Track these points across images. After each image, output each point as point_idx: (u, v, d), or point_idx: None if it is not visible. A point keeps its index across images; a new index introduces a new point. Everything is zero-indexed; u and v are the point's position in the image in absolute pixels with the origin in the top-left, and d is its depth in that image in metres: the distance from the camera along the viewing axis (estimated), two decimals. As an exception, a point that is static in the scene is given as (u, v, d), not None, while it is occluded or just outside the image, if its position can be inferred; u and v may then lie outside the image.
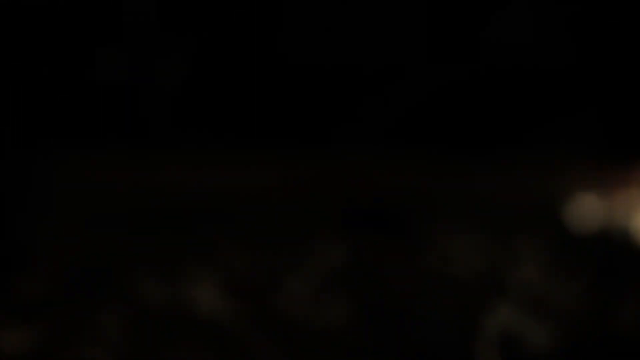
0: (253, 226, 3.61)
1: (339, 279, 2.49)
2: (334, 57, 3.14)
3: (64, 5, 3.17)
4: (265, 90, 3.59)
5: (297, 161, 4.26)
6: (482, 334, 1.55)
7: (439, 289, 2.29)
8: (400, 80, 3.50)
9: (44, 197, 3.02)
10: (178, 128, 4.06)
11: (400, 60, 3.14)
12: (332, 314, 2.00)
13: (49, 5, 2.98)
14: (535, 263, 2.96)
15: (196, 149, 4.21)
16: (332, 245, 2.97)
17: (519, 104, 3.50)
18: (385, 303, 2.14)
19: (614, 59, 2.87)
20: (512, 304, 2.00)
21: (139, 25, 3.27)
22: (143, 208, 3.71)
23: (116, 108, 4.12)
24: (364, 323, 1.94)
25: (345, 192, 4.04)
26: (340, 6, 2.82)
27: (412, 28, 2.69)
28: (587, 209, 4.07)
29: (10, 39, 3.00)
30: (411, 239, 3.77)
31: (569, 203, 4.03)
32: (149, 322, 1.90)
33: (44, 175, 3.11)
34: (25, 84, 3.19)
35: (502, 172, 4.11)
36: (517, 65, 3.06)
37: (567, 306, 2.19)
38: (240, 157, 4.28)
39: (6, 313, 1.87)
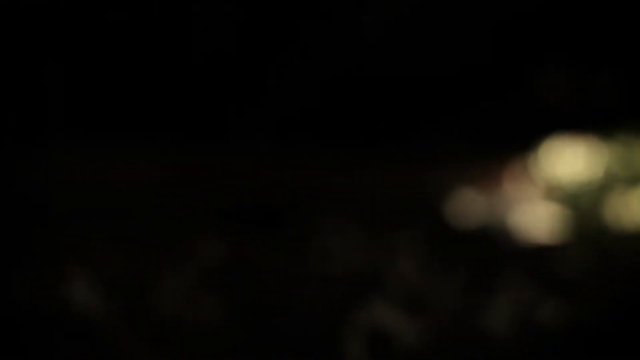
0: (131, 223, 3.55)
1: (217, 276, 2.47)
2: (220, 53, 3.11)
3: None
4: (148, 84, 3.52)
5: (179, 157, 4.21)
6: (353, 330, 1.55)
7: (317, 285, 2.30)
8: (285, 77, 3.49)
9: None
10: (53, 123, 3.94)
11: (286, 55, 3.14)
12: (207, 312, 1.98)
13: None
14: (413, 259, 3.01)
15: (74, 144, 4.11)
16: (211, 242, 2.95)
17: (398, 102, 3.55)
18: (262, 300, 2.13)
19: (493, 59, 2.94)
20: (387, 300, 2.03)
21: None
22: (18, 205, 3.60)
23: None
24: (238, 320, 1.93)
25: (226, 188, 4.01)
26: (226, 4, 2.80)
27: (290, 23, 2.70)
28: (466, 204, 4.17)
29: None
30: (291, 235, 3.79)
31: (448, 199, 4.12)
32: (21, 322, 1.85)
33: None
34: None
35: (382, 168, 4.17)
36: (396, 64, 3.11)
37: (443, 303, 2.23)
38: (120, 152, 4.20)
39: None
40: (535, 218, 4.17)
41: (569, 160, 4.52)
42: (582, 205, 4.11)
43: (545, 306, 2.05)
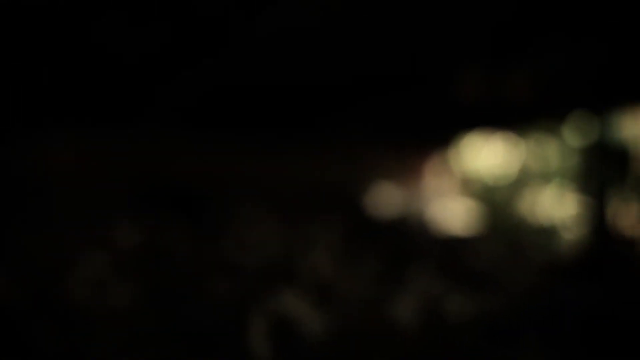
0: (45, 209, 3.48)
1: (129, 262, 2.44)
2: (130, 40, 3.07)
3: None
4: (60, 69, 3.44)
5: (94, 143, 4.14)
6: (259, 319, 1.54)
7: (228, 273, 2.28)
8: (199, 66, 3.46)
9: None
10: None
11: (200, 46, 3.11)
12: (118, 297, 1.95)
13: None
14: (326, 249, 3.02)
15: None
16: (125, 229, 2.91)
17: (319, 93, 3.56)
18: (172, 286, 2.11)
19: (412, 56, 2.97)
20: (297, 290, 2.03)
21: None
22: None
23: None
24: (148, 306, 1.90)
25: (141, 175, 3.97)
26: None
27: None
28: (383, 196, 4.21)
29: None
30: (205, 222, 3.77)
31: (365, 191, 4.16)
32: None
33: None
34: None
35: (300, 159, 4.17)
36: (317, 58, 3.12)
37: (353, 293, 2.23)
38: (34, 139, 4.11)
39: None
40: (451, 211, 4.24)
41: (485, 155, 4.60)
42: (497, 199, 4.19)
43: (454, 297, 2.08)
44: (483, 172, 4.44)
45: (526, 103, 2.87)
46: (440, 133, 4.28)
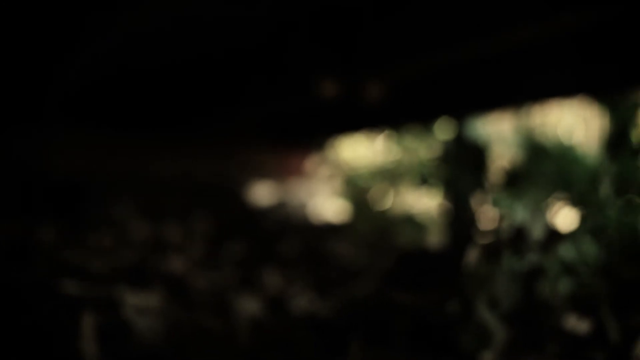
0: None
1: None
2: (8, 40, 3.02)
3: None
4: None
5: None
6: (90, 319, 1.54)
7: (80, 273, 2.26)
8: (78, 65, 3.43)
9: None
10: None
11: (78, 44, 3.09)
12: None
13: None
14: (191, 245, 3.04)
15: None
16: (5, 225, 2.87)
17: (198, 90, 3.57)
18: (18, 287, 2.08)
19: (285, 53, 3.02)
20: (146, 288, 2.03)
21: None
22: None
23: None
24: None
25: (24, 171, 3.90)
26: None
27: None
28: (260, 191, 4.25)
29: None
30: (88, 218, 3.73)
31: (243, 185, 4.18)
32: None
33: None
34: None
35: (182, 155, 4.16)
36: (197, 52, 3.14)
37: (205, 290, 2.25)
38: None
39: None
40: (326, 207, 4.33)
41: (360, 153, 4.72)
42: (366, 192, 4.29)
43: (303, 292, 2.12)
44: (357, 170, 4.54)
45: (384, 109, 2.95)
46: (309, 134, 4.35)
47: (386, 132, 4.09)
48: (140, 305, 1.84)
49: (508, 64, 2.76)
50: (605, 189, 1.69)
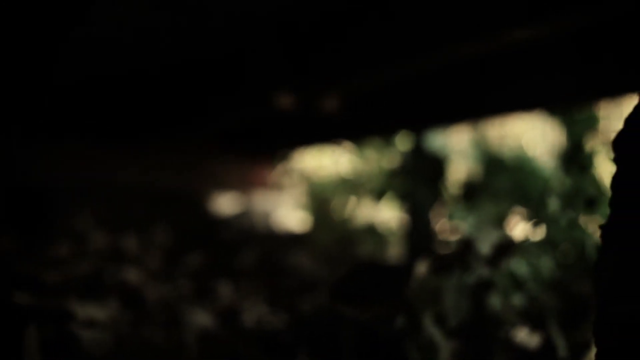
0: None
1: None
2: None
3: None
4: None
5: None
6: (35, 332, 1.52)
7: (30, 286, 2.24)
8: (42, 74, 3.41)
9: None
10: None
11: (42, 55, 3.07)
12: None
13: None
14: (148, 257, 3.02)
15: None
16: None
17: (160, 100, 3.56)
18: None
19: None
20: (96, 299, 2.02)
21: None
22: None
23: None
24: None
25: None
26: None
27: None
28: (227, 203, 4.24)
29: None
30: (49, 228, 3.70)
31: (205, 196, 4.17)
32: None
33: None
34: None
35: (146, 165, 4.14)
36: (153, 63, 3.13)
37: (159, 301, 2.24)
38: None
39: None
40: (287, 214, 4.33)
41: (321, 163, 4.73)
42: (328, 204, 4.30)
43: (257, 305, 2.11)
44: (320, 181, 4.56)
45: (342, 121, 2.97)
46: (271, 145, 4.36)
47: (346, 144, 4.10)
48: (89, 317, 1.82)
49: (465, 78, 2.78)
50: (554, 203, 1.69)
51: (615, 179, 1.02)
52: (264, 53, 2.57)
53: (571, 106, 2.49)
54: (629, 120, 1.00)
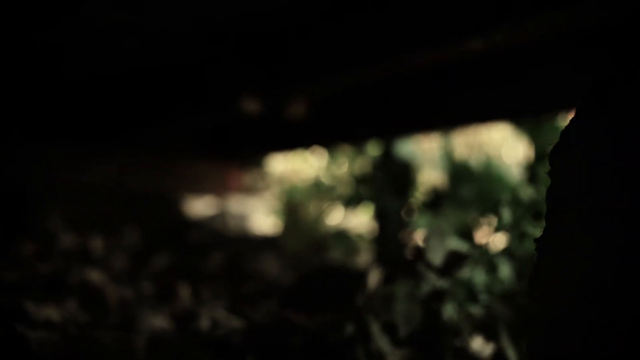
0: None
1: None
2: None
3: None
4: None
5: None
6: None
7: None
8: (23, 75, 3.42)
9: None
10: None
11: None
12: None
13: None
14: (126, 257, 3.02)
15: None
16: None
17: (132, 101, 3.57)
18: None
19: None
20: (56, 303, 2.01)
21: None
22: None
23: None
24: None
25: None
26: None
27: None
28: (199, 206, 4.25)
29: None
30: (20, 228, 3.70)
31: (178, 198, 4.17)
32: None
33: None
34: None
35: (118, 166, 4.14)
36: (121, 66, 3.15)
37: (121, 305, 2.23)
38: None
39: None
40: (260, 218, 4.34)
41: (294, 167, 4.75)
42: (300, 208, 4.31)
43: (217, 310, 2.10)
44: (292, 185, 4.57)
45: (310, 127, 2.97)
46: (242, 149, 4.37)
47: (317, 149, 4.11)
48: (44, 317, 1.82)
49: (428, 87, 2.80)
50: (507, 214, 1.70)
51: (550, 192, 1.02)
52: (232, 55, 2.58)
53: (538, 116, 2.49)
54: (564, 134, 1.00)
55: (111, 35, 2.71)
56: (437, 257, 1.63)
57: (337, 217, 4.17)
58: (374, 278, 1.67)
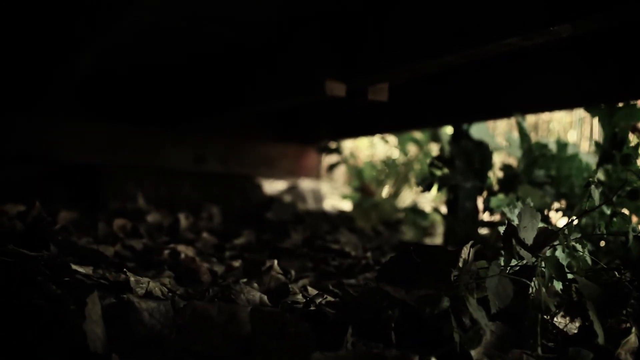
0: None
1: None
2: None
3: None
4: None
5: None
6: (93, 305, 1.57)
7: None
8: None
9: None
10: None
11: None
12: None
13: None
14: (209, 236, 3.10)
15: None
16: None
17: (206, 87, 3.64)
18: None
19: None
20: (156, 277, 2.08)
21: None
22: None
23: None
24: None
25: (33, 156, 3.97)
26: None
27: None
28: (275, 186, 4.33)
29: None
30: (104, 205, 3.82)
31: (259, 180, 4.22)
32: None
33: None
34: None
35: (195, 149, 4.23)
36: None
37: (211, 278, 2.30)
38: None
39: None
40: (334, 197, 4.41)
41: (368, 149, 4.79)
42: (374, 186, 4.35)
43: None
44: (366, 165, 4.61)
45: (390, 111, 3.02)
46: (318, 131, 4.42)
47: (388, 134, 4.16)
48: (145, 289, 1.89)
49: (501, 72, 2.84)
50: (597, 193, 1.73)
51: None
52: (314, 39, 2.62)
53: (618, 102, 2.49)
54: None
55: (196, 22, 2.78)
56: (529, 235, 1.67)
57: (411, 197, 4.23)
58: (465, 255, 1.72)
